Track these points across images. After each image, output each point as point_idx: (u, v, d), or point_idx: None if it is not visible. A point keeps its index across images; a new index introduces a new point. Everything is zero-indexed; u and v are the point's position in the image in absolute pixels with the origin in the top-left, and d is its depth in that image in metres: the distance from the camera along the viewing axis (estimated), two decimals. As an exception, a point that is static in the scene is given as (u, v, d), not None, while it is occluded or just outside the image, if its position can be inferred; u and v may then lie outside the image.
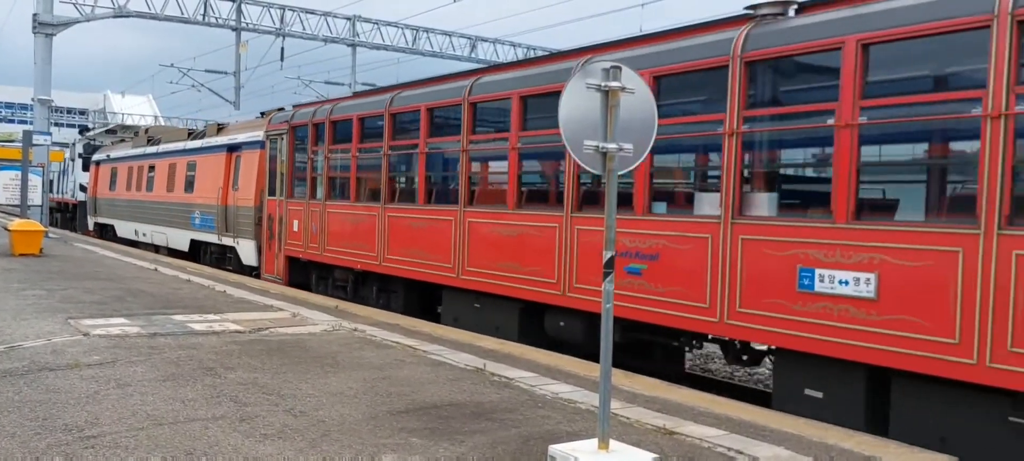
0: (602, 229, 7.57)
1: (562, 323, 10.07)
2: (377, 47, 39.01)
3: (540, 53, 35.26)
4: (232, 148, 20.72)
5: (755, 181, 8.28)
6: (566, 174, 9.79)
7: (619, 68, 5.20)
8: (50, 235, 25.66)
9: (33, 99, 28.72)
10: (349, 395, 6.85)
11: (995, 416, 6.13)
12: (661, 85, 8.74)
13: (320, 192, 15.21)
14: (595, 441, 5.27)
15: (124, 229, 28.55)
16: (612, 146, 5.18)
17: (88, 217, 33.04)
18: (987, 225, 6.17)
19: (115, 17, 31.34)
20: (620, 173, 5.26)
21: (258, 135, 18.91)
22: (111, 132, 38.57)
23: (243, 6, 34.93)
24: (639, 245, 8.96)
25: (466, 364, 8.36)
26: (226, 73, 39.87)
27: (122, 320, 10.35)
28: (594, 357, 8.63)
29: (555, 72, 10.16)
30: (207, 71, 43.82)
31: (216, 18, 34.46)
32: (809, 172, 9.03)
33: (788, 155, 8.89)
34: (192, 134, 25.43)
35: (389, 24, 38.97)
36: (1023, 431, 5.98)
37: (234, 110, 36.21)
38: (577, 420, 6.33)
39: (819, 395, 7.47)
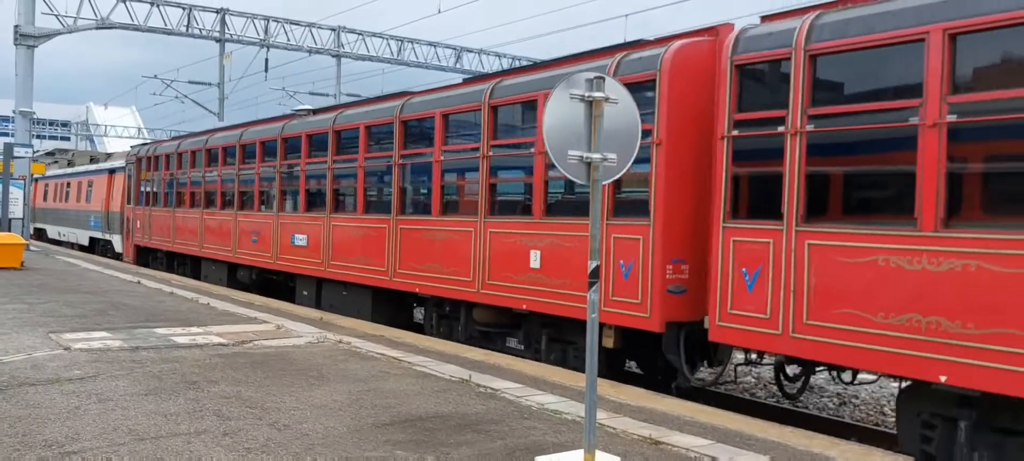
0: (250, 219, 17.28)
1: (240, 274, 18.16)
2: (362, 58, 38.90)
3: (524, 63, 35.30)
4: (112, 171, 29.59)
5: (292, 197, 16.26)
6: (235, 188, 18.15)
7: (602, 79, 5.21)
8: (31, 248, 25.44)
9: (14, 111, 28.44)
10: (334, 408, 6.81)
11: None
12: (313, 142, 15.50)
13: (149, 201, 23.82)
14: (581, 452, 5.25)
15: (52, 231, 38.14)
16: (596, 156, 5.18)
17: (29, 223, 41.58)
18: (328, 212, 14.38)
19: (98, 28, 31.11)
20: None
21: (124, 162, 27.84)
22: (50, 154, 48.01)
23: (227, 17, 34.81)
24: (252, 227, 17.14)
25: (451, 375, 8.32)
26: (210, 84, 39.70)
27: (104, 334, 10.25)
28: (251, 288, 17.59)
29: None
30: (191, 82, 43.61)
31: (200, 29, 34.28)
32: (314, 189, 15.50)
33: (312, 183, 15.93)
34: (93, 159, 36.31)
35: (374, 35, 38.87)
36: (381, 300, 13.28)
37: (218, 121, 36.00)
38: (563, 431, 6.31)
39: (306, 293, 15.22)
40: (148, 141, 25.84)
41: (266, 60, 36.82)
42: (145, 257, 24.31)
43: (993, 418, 6.32)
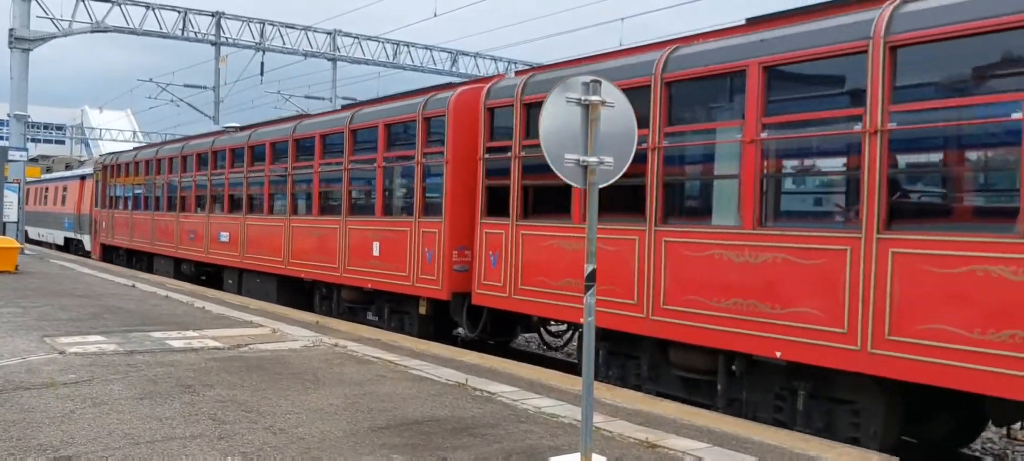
0: (189, 220, 20.81)
1: (184, 267, 21.03)
2: (358, 61, 38.91)
3: (521, 67, 35.34)
4: (83, 177, 33.07)
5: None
6: (178, 193, 21.28)
7: (599, 82, 5.20)
8: (26, 252, 25.36)
9: (9, 115, 28.37)
10: (330, 412, 6.79)
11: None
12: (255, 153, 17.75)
13: (112, 204, 27.19)
14: (578, 455, 5.25)
15: (33, 232, 40.97)
16: (593, 160, 5.16)
17: (24, 227, 46.20)
18: (244, 213, 17.58)
19: (93, 32, 31.07)
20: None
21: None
22: (33, 160, 52.36)
23: (222, 21, 34.79)
24: (190, 226, 20.34)
25: (448, 379, 8.31)
26: (206, 88, 39.64)
27: (99, 338, 10.22)
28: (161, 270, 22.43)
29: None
30: (186, 86, 43.52)
31: (195, 33, 34.26)
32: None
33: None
34: (68, 166, 41.59)
35: (370, 38, 38.86)
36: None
37: (213, 125, 35.96)
38: (559, 434, 6.31)
39: (231, 281, 18.13)
40: (111, 151, 30.37)
41: (262, 63, 36.78)
42: (109, 254, 27.55)
43: (617, 344, 9.35)
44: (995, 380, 5.98)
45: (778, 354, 7.31)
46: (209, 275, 19.89)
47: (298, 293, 15.67)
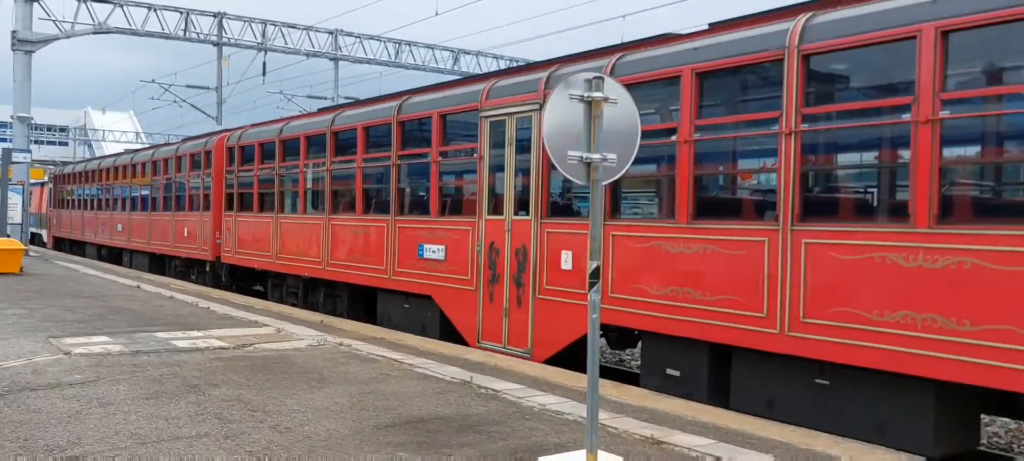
0: (103, 215, 29.93)
1: (103, 251, 29.02)
2: (359, 61, 38.94)
3: (519, 64, 35.29)
4: (44, 184, 41.07)
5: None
6: (98, 196, 29.82)
7: (602, 79, 5.19)
8: (30, 253, 25.44)
9: (12, 117, 28.43)
10: (335, 410, 6.81)
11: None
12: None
13: (61, 205, 35.65)
14: (584, 452, 5.25)
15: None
16: (596, 157, 5.14)
17: (28, 229, 51.01)
18: (128, 210, 27.21)
19: (95, 33, 31.15)
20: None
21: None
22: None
23: (224, 21, 34.81)
24: (102, 220, 29.02)
25: (453, 377, 8.33)
26: (208, 88, 39.70)
27: (104, 338, 10.24)
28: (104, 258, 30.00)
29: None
30: (188, 87, 43.61)
31: (197, 33, 34.31)
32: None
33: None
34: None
35: (371, 38, 38.90)
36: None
37: (216, 125, 36.03)
38: (565, 431, 6.31)
39: (126, 260, 26.74)
40: (68, 161, 42.22)
41: (264, 63, 36.87)
42: (59, 245, 35.74)
43: (310, 284, 15.61)
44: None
45: (305, 275, 14.99)
46: (116, 257, 27.34)
47: (158, 264, 23.27)
